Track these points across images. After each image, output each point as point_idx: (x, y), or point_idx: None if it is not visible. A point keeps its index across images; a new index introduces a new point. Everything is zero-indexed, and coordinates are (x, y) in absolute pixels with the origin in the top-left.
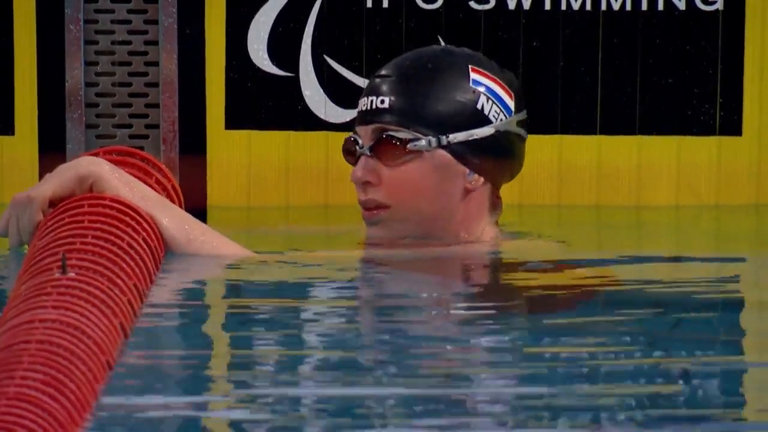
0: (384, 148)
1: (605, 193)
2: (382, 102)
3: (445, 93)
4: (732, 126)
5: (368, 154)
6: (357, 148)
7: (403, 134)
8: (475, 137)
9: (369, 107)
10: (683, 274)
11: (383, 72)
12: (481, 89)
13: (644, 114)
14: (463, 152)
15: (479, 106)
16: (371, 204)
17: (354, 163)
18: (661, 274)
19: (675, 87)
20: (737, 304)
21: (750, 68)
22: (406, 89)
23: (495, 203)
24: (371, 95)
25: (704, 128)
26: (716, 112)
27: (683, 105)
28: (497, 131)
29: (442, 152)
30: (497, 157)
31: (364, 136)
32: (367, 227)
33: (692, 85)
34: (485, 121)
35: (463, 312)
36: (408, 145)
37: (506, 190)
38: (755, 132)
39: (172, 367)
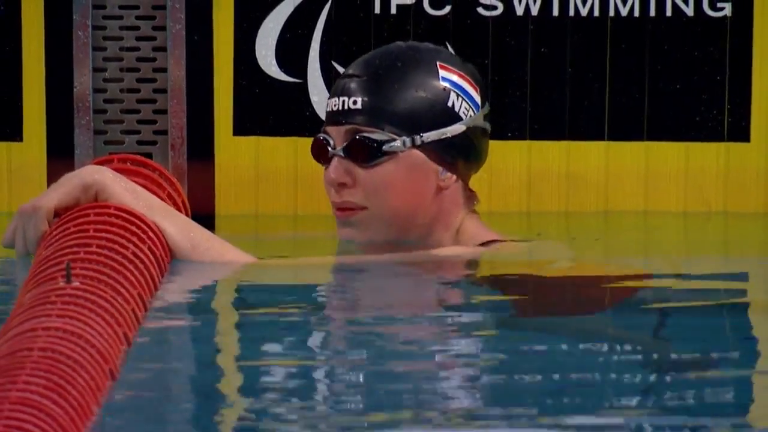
0: (358, 149)
1: (613, 199)
2: (355, 103)
3: (417, 92)
4: (740, 132)
5: (342, 155)
6: (329, 149)
7: (377, 135)
8: (448, 135)
9: (341, 108)
10: (690, 280)
11: (352, 71)
12: (451, 86)
13: (652, 120)
14: (436, 151)
15: (450, 104)
16: (347, 205)
17: (325, 163)
18: (667, 280)
19: (683, 93)
20: (745, 311)
21: (758, 74)
22: (378, 89)
23: (469, 196)
24: (342, 95)
25: (712, 134)
26: (724, 118)
27: (691, 111)
28: (468, 128)
29: (416, 152)
30: (468, 153)
31: (336, 136)
32: (340, 228)
33: (700, 90)
34: (456, 118)
35: (458, 318)
36: (384, 147)
37: (513, 197)
38: (763, 138)
39: (176, 376)
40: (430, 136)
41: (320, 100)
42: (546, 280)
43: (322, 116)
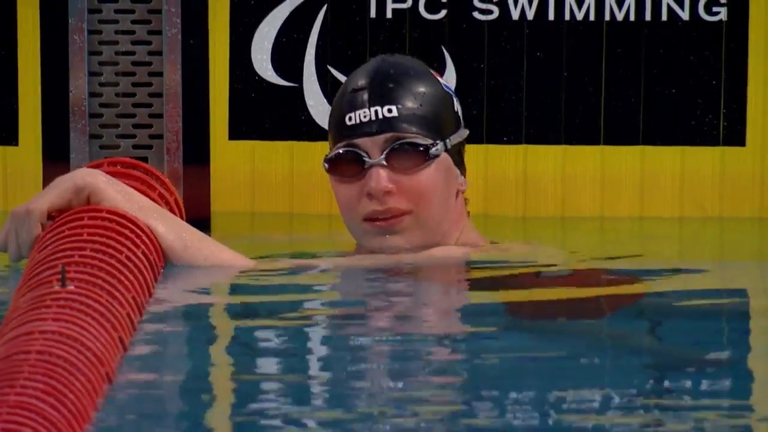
0: (403, 156)
1: (608, 204)
2: (390, 111)
3: (437, 98)
4: (735, 136)
5: (384, 164)
6: (367, 159)
7: (420, 140)
8: (461, 139)
9: (374, 117)
10: (686, 285)
11: (369, 82)
12: (451, 92)
13: (648, 124)
14: (454, 155)
15: (456, 109)
16: (392, 213)
17: (353, 176)
18: (663, 284)
19: (678, 97)
20: (741, 316)
21: (753, 78)
22: (408, 96)
23: (465, 201)
24: (372, 105)
25: (708, 138)
26: (720, 123)
27: (687, 115)
28: (466, 131)
29: (446, 156)
30: (463, 156)
31: (372, 147)
32: (381, 237)
33: (696, 95)
34: (460, 122)
35: (463, 320)
36: (431, 151)
37: (508, 203)
38: (759, 142)
39: (171, 379)
40: (453, 139)
41: (315, 104)
42: (544, 283)
43: (318, 120)
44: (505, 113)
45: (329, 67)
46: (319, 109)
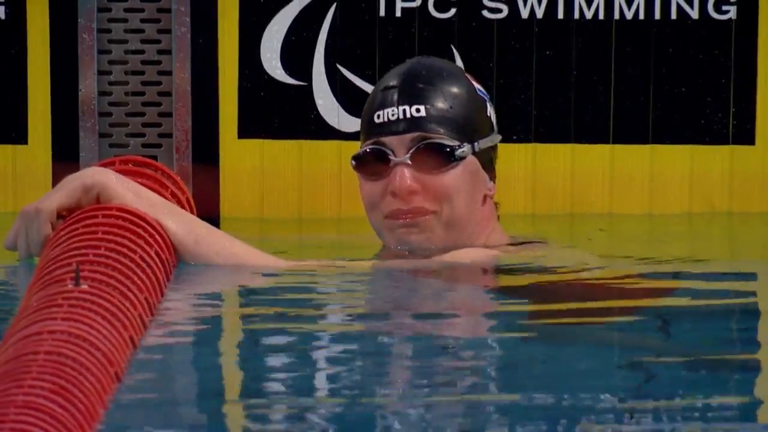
0: (428, 156)
1: (618, 202)
2: (418, 111)
3: (468, 101)
4: (745, 135)
5: (409, 162)
6: (392, 158)
7: (447, 141)
8: (491, 144)
9: (401, 116)
10: (695, 283)
11: (399, 82)
12: (485, 96)
13: (657, 123)
14: (484, 159)
15: (488, 113)
16: (417, 212)
17: (376, 174)
18: (673, 282)
19: (688, 96)
20: (751, 313)
21: (763, 77)
22: (438, 97)
23: (496, 206)
24: (401, 104)
25: (717, 137)
26: (729, 121)
27: (696, 114)
28: (499, 137)
29: (473, 159)
30: (495, 162)
31: (398, 145)
32: (402, 233)
33: (705, 93)
34: (492, 127)
35: (481, 323)
36: (456, 152)
37: (519, 200)
38: None
39: (181, 380)
40: (483, 143)
41: (325, 102)
42: (563, 285)
43: (327, 119)
44: (514, 112)
45: (338, 66)
46: (328, 107)
